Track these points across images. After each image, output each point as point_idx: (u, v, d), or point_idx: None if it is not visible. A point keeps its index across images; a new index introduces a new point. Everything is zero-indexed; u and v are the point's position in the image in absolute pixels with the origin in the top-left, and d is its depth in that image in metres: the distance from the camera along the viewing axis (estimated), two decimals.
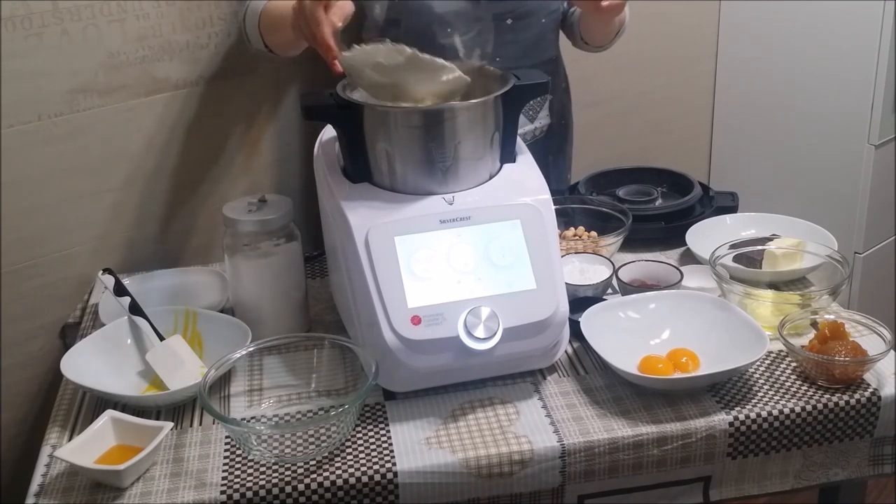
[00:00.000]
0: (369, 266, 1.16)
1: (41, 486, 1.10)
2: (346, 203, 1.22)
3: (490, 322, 1.15)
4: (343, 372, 1.26)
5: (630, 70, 2.29)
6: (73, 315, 1.59)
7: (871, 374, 1.23)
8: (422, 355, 1.16)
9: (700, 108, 2.49)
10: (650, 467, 1.16)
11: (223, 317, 1.36)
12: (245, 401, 1.24)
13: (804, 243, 1.45)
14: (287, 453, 1.12)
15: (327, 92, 1.26)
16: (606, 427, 1.15)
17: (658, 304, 1.32)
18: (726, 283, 1.34)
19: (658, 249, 1.58)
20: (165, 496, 1.08)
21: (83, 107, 1.56)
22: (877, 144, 2.16)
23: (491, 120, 1.24)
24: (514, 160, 1.30)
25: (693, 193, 1.66)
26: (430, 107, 1.22)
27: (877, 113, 2.13)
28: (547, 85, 1.29)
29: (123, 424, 1.15)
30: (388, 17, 1.51)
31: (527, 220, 1.21)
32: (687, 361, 1.23)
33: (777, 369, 1.26)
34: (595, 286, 1.40)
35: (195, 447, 1.16)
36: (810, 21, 2.21)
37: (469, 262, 1.18)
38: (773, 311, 1.31)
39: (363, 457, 1.12)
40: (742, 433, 1.16)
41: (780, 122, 2.35)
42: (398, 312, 1.15)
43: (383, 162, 1.23)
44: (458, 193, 1.23)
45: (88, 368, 1.25)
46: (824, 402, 1.19)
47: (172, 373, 1.25)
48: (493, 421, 1.18)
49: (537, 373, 1.26)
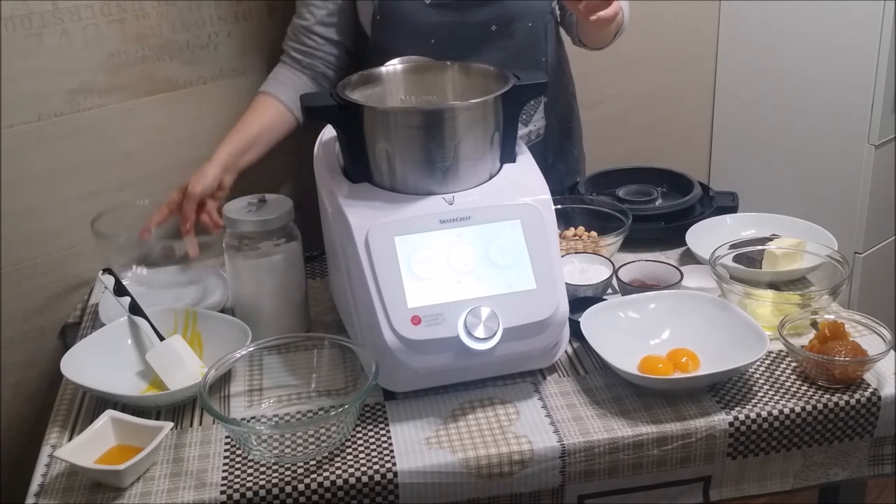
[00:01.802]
0: (369, 266, 1.16)
1: (41, 486, 1.10)
2: (346, 203, 1.22)
3: (490, 322, 1.15)
4: (343, 372, 1.26)
5: (630, 70, 2.29)
6: (73, 315, 1.59)
7: (871, 374, 1.23)
8: (422, 355, 1.16)
9: (700, 108, 2.49)
10: (650, 467, 1.16)
11: (223, 317, 1.36)
12: (245, 401, 1.24)
13: (804, 243, 1.45)
14: (287, 453, 1.12)
15: (327, 92, 1.26)
16: (606, 427, 1.15)
17: (658, 304, 1.32)
18: (726, 283, 1.34)
19: (658, 249, 1.58)
20: (165, 496, 1.08)
21: (83, 107, 1.56)
22: (877, 144, 2.16)
23: (491, 120, 1.24)
24: (514, 160, 1.30)
25: (693, 193, 1.66)
26: (430, 107, 1.23)
27: (877, 113, 2.12)
28: (546, 85, 1.29)
29: (123, 424, 1.15)
30: (375, 20, 1.54)
31: (527, 220, 1.21)
32: (687, 361, 1.23)
33: (777, 369, 1.26)
34: (595, 286, 1.40)
35: (195, 447, 1.16)
36: (810, 21, 2.21)
37: (469, 262, 1.18)
38: (773, 311, 1.31)
39: (363, 457, 1.12)
40: (742, 433, 1.16)
41: (780, 122, 2.35)
42: (398, 312, 1.15)
43: (383, 162, 1.23)
44: (458, 193, 1.23)
45: (88, 368, 1.25)
46: (824, 402, 1.19)
47: (172, 373, 1.25)
48: (493, 421, 1.18)
49: (537, 373, 1.26)
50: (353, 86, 1.30)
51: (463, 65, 1.37)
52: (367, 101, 1.28)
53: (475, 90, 1.30)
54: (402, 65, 1.38)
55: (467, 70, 1.36)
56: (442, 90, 1.37)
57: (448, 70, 1.37)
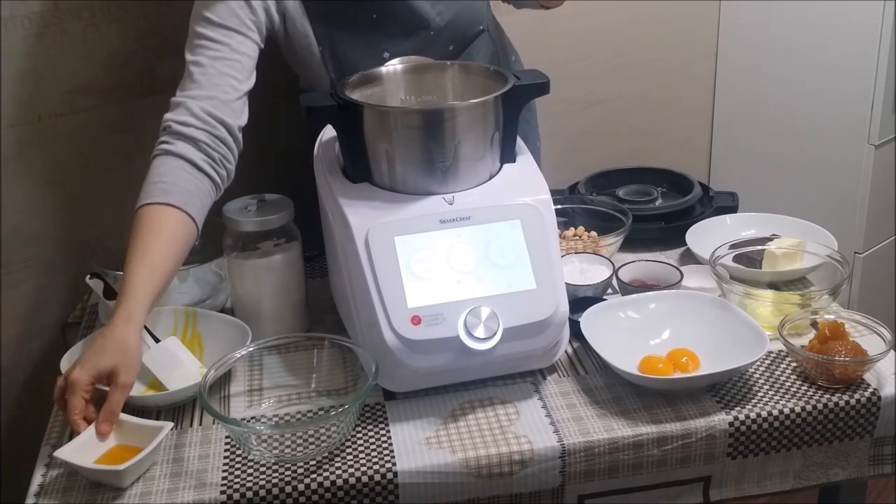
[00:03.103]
0: (369, 266, 1.16)
1: (41, 486, 1.11)
2: (346, 203, 1.22)
3: (490, 322, 1.15)
4: (343, 372, 1.26)
5: (630, 70, 2.29)
6: (73, 315, 1.59)
7: (871, 374, 1.23)
8: (422, 355, 1.16)
9: (700, 109, 2.49)
10: (650, 467, 1.16)
11: (223, 317, 1.36)
12: (245, 401, 1.24)
13: (804, 243, 1.45)
14: (287, 453, 1.12)
15: (327, 92, 1.27)
16: (606, 427, 1.15)
17: (658, 304, 1.32)
18: (726, 283, 1.34)
19: (658, 249, 1.58)
20: (165, 496, 1.08)
21: (83, 107, 1.56)
22: (877, 144, 2.16)
23: (491, 120, 1.24)
24: (514, 160, 1.30)
25: (693, 193, 1.66)
26: (430, 107, 1.22)
27: (877, 113, 2.12)
28: (547, 85, 1.29)
29: (124, 424, 1.14)
30: None
31: (527, 220, 1.21)
32: (687, 361, 1.23)
33: (777, 369, 1.26)
34: (595, 286, 1.40)
35: (195, 447, 1.16)
36: (810, 21, 2.21)
37: (469, 262, 1.18)
38: (773, 311, 1.31)
39: (363, 457, 1.12)
40: (742, 433, 1.16)
41: (780, 122, 2.35)
42: (398, 312, 1.15)
43: (383, 162, 1.23)
44: (458, 193, 1.23)
45: None
46: (824, 402, 1.19)
47: (170, 373, 1.25)
48: (493, 421, 1.18)
49: (537, 373, 1.26)
50: (353, 86, 1.30)
51: (463, 65, 1.37)
52: (367, 101, 1.28)
53: (475, 90, 1.30)
54: (402, 65, 1.38)
55: (467, 70, 1.36)
56: (442, 90, 1.37)
57: (448, 70, 1.37)
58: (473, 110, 1.23)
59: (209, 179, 1.28)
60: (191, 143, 1.27)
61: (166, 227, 1.21)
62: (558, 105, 2.13)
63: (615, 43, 2.25)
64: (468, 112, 1.22)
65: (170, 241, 1.21)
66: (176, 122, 1.28)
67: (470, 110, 1.22)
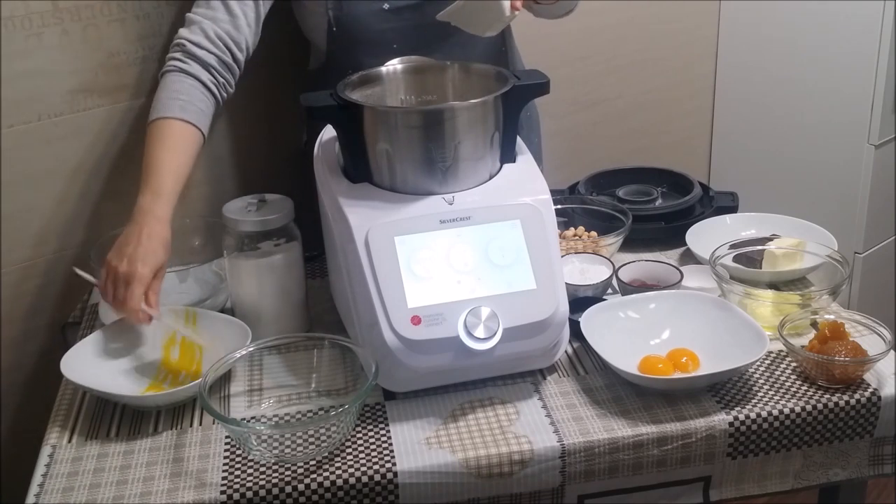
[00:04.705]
0: (369, 266, 1.16)
1: (41, 486, 1.10)
2: (346, 203, 1.22)
3: (490, 322, 1.15)
4: (343, 372, 1.26)
5: (630, 70, 2.30)
6: (73, 315, 1.59)
7: (871, 374, 1.23)
8: (422, 355, 1.16)
9: (700, 109, 2.49)
10: (650, 467, 1.16)
11: (223, 317, 1.36)
12: (245, 401, 1.24)
13: (804, 243, 1.45)
14: (287, 453, 1.12)
15: (327, 92, 1.27)
16: (606, 427, 1.15)
17: (658, 304, 1.32)
18: (726, 283, 1.34)
19: (658, 249, 1.58)
20: (165, 496, 1.08)
21: (83, 107, 1.56)
22: (877, 144, 2.16)
23: (491, 120, 1.24)
24: (514, 160, 1.30)
25: (693, 193, 1.66)
26: (430, 107, 1.23)
27: (877, 113, 2.13)
28: (547, 84, 1.29)
29: None
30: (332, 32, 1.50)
31: (527, 220, 1.21)
32: (687, 361, 1.23)
33: (777, 369, 1.26)
34: (595, 286, 1.40)
35: (195, 447, 1.16)
36: (810, 21, 2.21)
37: (469, 262, 1.18)
38: (773, 311, 1.31)
39: (363, 457, 1.12)
40: (742, 433, 1.16)
41: (780, 122, 2.35)
42: (398, 312, 1.15)
43: (383, 162, 1.23)
44: (458, 193, 1.23)
45: (88, 368, 1.25)
46: (824, 402, 1.19)
47: None
48: (493, 421, 1.18)
49: (537, 373, 1.26)
50: (353, 86, 1.30)
51: (463, 65, 1.37)
52: (366, 101, 1.28)
53: (475, 90, 1.30)
54: (402, 65, 1.38)
55: (467, 70, 1.36)
56: (442, 90, 1.37)
57: (448, 70, 1.37)
58: (473, 110, 1.23)
59: (215, 99, 1.42)
60: (202, 66, 1.40)
61: (185, 141, 1.36)
62: (558, 105, 2.13)
63: (615, 43, 2.25)
64: (468, 112, 1.22)
65: (188, 155, 1.36)
66: (190, 41, 1.40)
67: (470, 110, 1.22)
